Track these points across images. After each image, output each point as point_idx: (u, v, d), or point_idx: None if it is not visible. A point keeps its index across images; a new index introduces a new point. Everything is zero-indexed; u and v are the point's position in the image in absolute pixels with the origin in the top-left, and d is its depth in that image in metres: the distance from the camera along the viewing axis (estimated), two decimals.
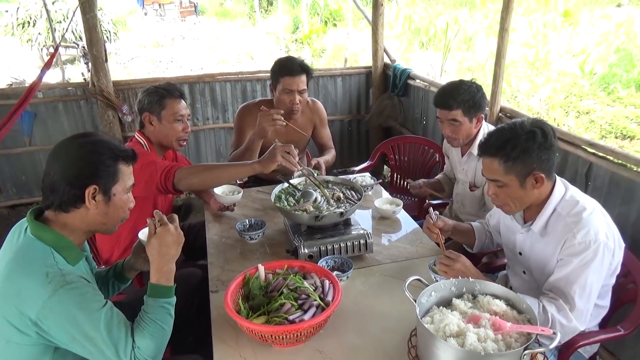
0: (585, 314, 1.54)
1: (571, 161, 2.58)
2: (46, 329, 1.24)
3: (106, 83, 4.09)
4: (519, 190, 1.58)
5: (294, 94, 2.61)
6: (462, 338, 1.27)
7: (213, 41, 14.06)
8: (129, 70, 11.05)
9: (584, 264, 1.51)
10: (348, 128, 5.11)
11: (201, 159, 4.73)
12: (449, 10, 11.63)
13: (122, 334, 1.32)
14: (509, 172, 1.56)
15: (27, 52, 11.69)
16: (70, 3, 11.31)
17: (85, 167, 1.34)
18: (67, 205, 1.35)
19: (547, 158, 1.54)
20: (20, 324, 1.24)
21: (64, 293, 1.24)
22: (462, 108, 2.22)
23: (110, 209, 1.41)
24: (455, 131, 2.29)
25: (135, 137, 2.31)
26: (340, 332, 1.54)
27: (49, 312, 1.22)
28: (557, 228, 1.59)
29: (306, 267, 1.68)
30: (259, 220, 2.20)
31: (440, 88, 2.34)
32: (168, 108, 2.24)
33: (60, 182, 1.33)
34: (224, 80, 4.59)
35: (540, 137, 1.52)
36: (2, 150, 4.15)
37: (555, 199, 1.61)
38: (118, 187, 1.41)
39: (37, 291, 1.22)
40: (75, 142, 1.38)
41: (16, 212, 4.41)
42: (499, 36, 2.94)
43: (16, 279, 1.26)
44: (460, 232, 2.00)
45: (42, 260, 1.29)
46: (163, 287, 1.44)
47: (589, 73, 7.02)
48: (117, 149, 1.41)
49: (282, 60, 2.70)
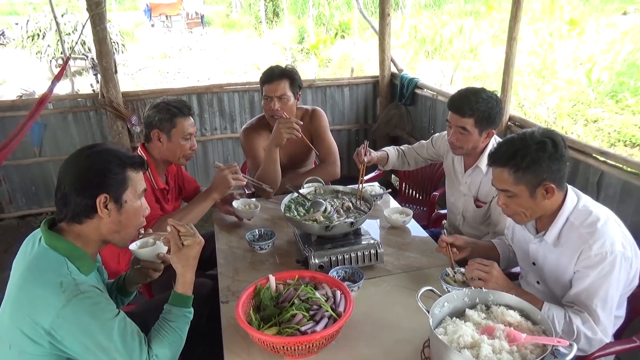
0: (609, 326, 1.53)
1: (582, 170, 2.57)
2: (60, 338, 1.24)
3: (115, 94, 4.12)
4: (529, 200, 1.57)
5: (272, 100, 2.57)
6: (477, 349, 1.26)
7: (220, 52, 14.16)
8: (136, 82, 11.14)
9: (602, 276, 1.49)
10: (355, 137, 5.11)
11: (209, 168, 4.74)
12: (455, 20, 11.67)
13: (136, 344, 1.32)
14: (519, 182, 1.55)
15: (37, 64, 11.82)
16: (79, 16, 11.46)
17: (94, 177, 1.35)
18: (80, 216, 1.36)
19: (558, 168, 1.53)
20: (33, 334, 1.24)
21: (77, 302, 1.24)
22: (475, 118, 2.07)
23: (123, 216, 1.41)
24: (461, 140, 2.14)
25: (137, 152, 2.26)
26: (352, 344, 1.53)
27: (62, 321, 1.22)
28: (571, 238, 1.58)
29: (317, 277, 1.67)
30: (269, 230, 2.20)
31: (458, 91, 2.19)
32: (178, 127, 2.23)
33: (71, 194, 1.34)
34: (232, 91, 4.62)
35: (551, 147, 1.51)
36: (12, 161, 4.19)
37: (567, 208, 1.60)
38: (129, 193, 1.41)
39: (51, 301, 1.23)
40: (83, 154, 1.40)
41: (26, 222, 4.44)
42: (507, 45, 2.94)
43: (30, 289, 1.26)
44: (480, 249, 1.93)
45: (56, 270, 1.29)
46: (188, 297, 1.49)
47: (597, 81, 7.00)
48: (124, 156, 1.42)
49: (266, 69, 2.65)
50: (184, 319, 1.46)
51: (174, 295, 1.48)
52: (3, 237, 4.21)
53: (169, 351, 1.39)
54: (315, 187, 2.32)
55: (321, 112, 2.84)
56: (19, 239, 1.46)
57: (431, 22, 11.63)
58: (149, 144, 2.29)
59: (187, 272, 1.48)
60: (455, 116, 2.13)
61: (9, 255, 4.20)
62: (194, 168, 4.68)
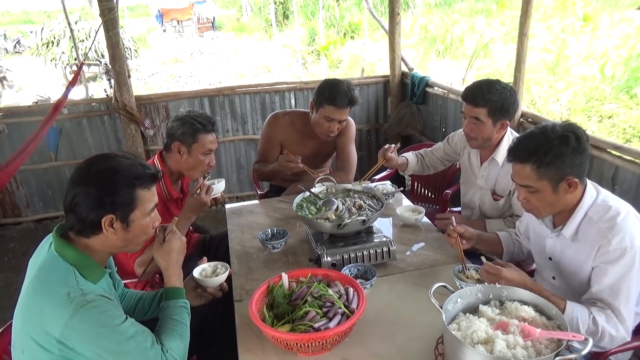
0: (630, 323, 1.51)
1: (596, 165, 2.54)
2: (71, 347, 1.25)
3: (129, 98, 4.18)
4: (552, 195, 1.54)
5: (334, 123, 2.60)
6: (491, 345, 1.26)
7: (231, 55, 14.26)
8: (149, 86, 11.26)
9: (623, 272, 1.47)
10: (367, 137, 5.11)
11: (221, 171, 4.77)
12: (465, 18, 11.59)
13: (148, 344, 1.33)
14: (541, 177, 1.52)
15: (52, 71, 12.02)
16: (92, 22, 11.62)
17: (102, 197, 1.32)
18: (86, 232, 1.36)
19: (580, 162, 1.50)
20: (44, 342, 1.25)
21: (85, 312, 1.24)
22: (488, 108, 2.10)
23: (130, 234, 1.40)
24: (475, 130, 2.17)
25: (153, 161, 2.26)
26: (365, 340, 1.53)
27: (71, 332, 1.23)
28: (589, 233, 1.56)
29: (330, 275, 1.67)
30: (281, 230, 2.21)
31: (473, 82, 2.23)
32: (200, 142, 2.19)
33: (78, 208, 1.33)
34: (243, 93, 4.65)
35: (574, 141, 1.48)
36: (29, 166, 4.27)
37: (586, 203, 1.57)
38: (137, 213, 1.38)
39: (58, 312, 1.23)
40: (93, 169, 1.36)
41: (43, 225, 4.52)
42: (519, 41, 2.92)
43: (39, 299, 1.28)
44: (485, 241, 1.96)
45: (63, 281, 1.29)
46: (178, 289, 1.55)
47: (611, 77, 6.90)
48: (133, 175, 1.37)
49: (332, 86, 2.57)
50: (182, 309, 1.50)
51: (165, 290, 1.55)
52: (21, 240, 4.29)
53: (180, 342, 1.42)
54: (327, 186, 2.33)
55: (352, 122, 2.86)
56: (37, 242, 1.49)
57: (442, 21, 11.57)
58: (167, 154, 2.26)
59: (169, 267, 1.55)
60: (468, 106, 2.16)
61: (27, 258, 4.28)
62: None
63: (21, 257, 3.98)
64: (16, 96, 10.85)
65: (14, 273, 3.74)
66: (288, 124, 2.82)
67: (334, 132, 2.64)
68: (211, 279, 1.69)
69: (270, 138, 2.84)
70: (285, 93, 4.72)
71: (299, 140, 2.80)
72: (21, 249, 4.12)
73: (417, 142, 4.59)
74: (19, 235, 4.38)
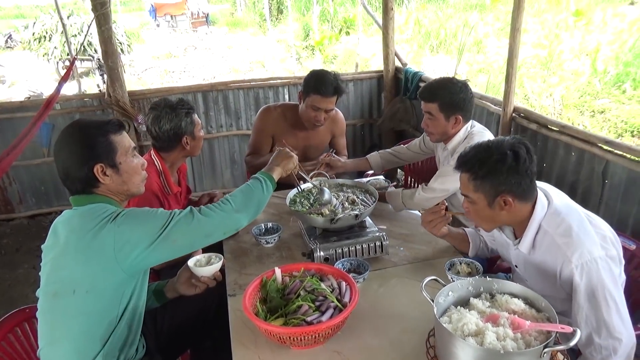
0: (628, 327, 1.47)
1: (587, 160, 2.56)
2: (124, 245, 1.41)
3: (122, 93, 4.15)
4: (487, 209, 1.55)
5: (320, 112, 2.65)
6: (481, 337, 1.27)
7: (224, 50, 14.19)
8: (143, 81, 11.20)
9: (597, 287, 1.43)
10: (361, 132, 5.12)
11: (215, 166, 4.77)
12: (459, 13, 11.60)
13: (188, 209, 1.54)
14: (477, 190, 1.53)
15: (44, 66, 11.92)
16: (85, 17, 11.52)
17: (84, 152, 1.49)
18: (89, 187, 1.52)
19: (518, 182, 1.49)
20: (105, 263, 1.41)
21: (124, 212, 1.47)
22: (438, 103, 2.23)
23: (124, 176, 1.56)
24: (430, 125, 2.31)
25: (150, 157, 2.25)
26: (358, 334, 1.54)
27: (118, 228, 1.41)
28: (546, 243, 1.54)
29: (323, 269, 1.69)
30: (275, 225, 2.22)
31: (430, 80, 2.39)
32: (195, 122, 2.30)
33: (70, 171, 1.50)
34: (237, 88, 4.64)
35: (512, 160, 1.47)
36: (22, 162, 4.23)
37: (538, 216, 1.55)
38: (120, 155, 1.55)
39: (106, 226, 1.42)
40: (66, 134, 1.53)
41: (36, 222, 4.49)
42: (511, 36, 2.93)
43: (89, 229, 1.42)
44: (453, 237, 1.98)
45: (103, 209, 1.47)
46: (269, 174, 1.80)
47: (603, 72, 6.94)
48: (102, 125, 1.54)
49: (318, 76, 2.64)
50: (256, 180, 1.73)
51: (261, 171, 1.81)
52: (14, 236, 4.27)
53: (239, 193, 1.66)
54: (320, 181, 2.33)
55: (341, 114, 3.05)
56: (30, 238, 1.53)
57: (436, 16, 11.57)
58: (167, 152, 2.27)
59: (275, 167, 1.85)
60: (423, 102, 2.31)
61: (20, 254, 4.28)
62: (200, 166, 4.71)
63: (14, 253, 3.97)
64: (8, 92, 10.75)
65: (7, 269, 3.72)
66: (280, 116, 2.86)
67: (320, 121, 2.69)
68: (205, 267, 1.70)
69: (262, 130, 2.88)
70: (279, 88, 4.71)
71: (291, 132, 2.84)
72: (14, 245, 4.10)
73: (410, 136, 4.60)
74: (12, 232, 4.35)
